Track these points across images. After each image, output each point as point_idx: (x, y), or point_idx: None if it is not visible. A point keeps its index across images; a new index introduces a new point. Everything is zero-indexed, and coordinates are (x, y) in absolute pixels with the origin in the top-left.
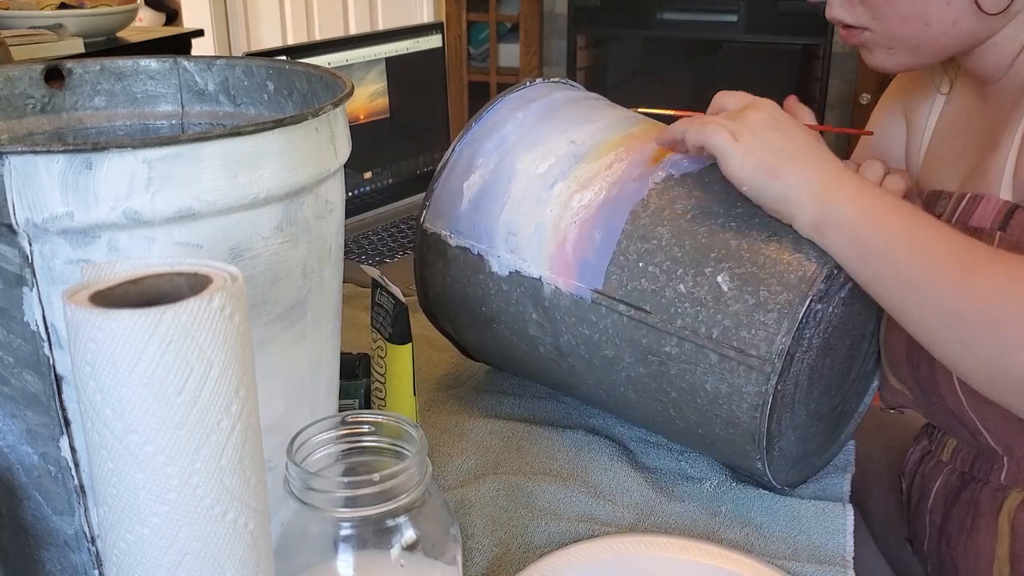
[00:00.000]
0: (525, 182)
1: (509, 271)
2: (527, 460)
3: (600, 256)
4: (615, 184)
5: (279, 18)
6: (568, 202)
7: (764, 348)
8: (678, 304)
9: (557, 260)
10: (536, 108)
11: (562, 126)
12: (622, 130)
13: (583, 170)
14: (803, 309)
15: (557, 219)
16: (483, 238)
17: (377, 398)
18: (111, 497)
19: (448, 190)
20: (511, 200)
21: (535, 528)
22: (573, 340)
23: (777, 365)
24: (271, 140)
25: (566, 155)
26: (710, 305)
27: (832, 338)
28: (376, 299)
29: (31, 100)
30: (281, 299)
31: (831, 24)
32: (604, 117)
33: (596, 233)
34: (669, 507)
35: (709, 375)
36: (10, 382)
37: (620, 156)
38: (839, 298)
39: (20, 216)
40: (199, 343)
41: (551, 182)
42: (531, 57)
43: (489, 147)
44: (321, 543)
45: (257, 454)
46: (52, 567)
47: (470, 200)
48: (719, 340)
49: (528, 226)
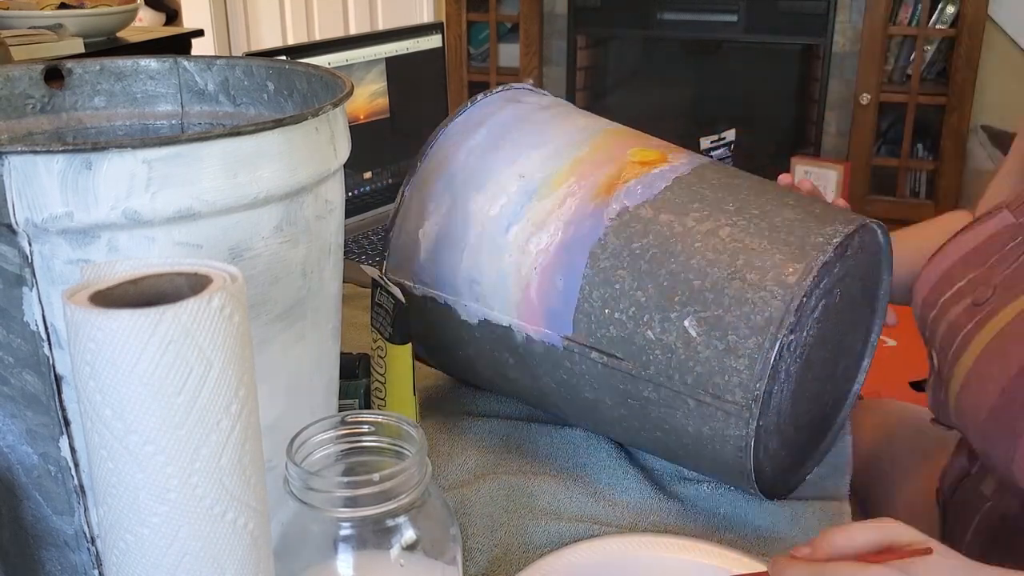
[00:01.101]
0: (480, 226)
1: (478, 319)
2: (527, 460)
3: (566, 303)
4: (570, 223)
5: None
6: (526, 247)
7: (740, 394)
8: (649, 351)
9: (524, 307)
10: (481, 137)
11: (510, 156)
12: (571, 154)
13: (536, 209)
14: (774, 352)
15: (518, 265)
16: (447, 288)
17: (377, 398)
18: (111, 497)
19: (404, 240)
20: (468, 247)
21: (535, 528)
22: (552, 383)
23: (755, 410)
24: (271, 140)
25: (517, 192)
26: (680, 352)
27: (812, 352)
28: (376, 299)
29: (31, 100)
30: (281, 299)
31: (831, 24)
32: (552, 138)
33: (558, 279)
34: (668, 507)
35: (690, 418)
36: (10, 382)
37: (572, 189)
38: (812, 320)
39: (20, 216)
40: (199, 343)
41: (506, 225)
42: (531, 57)
43: (439, 188)
44: (321, 543)
45: (257, 454)
46: (52, 567)
47: (427, 250)
48: (694, 386)
49: (491, 273)
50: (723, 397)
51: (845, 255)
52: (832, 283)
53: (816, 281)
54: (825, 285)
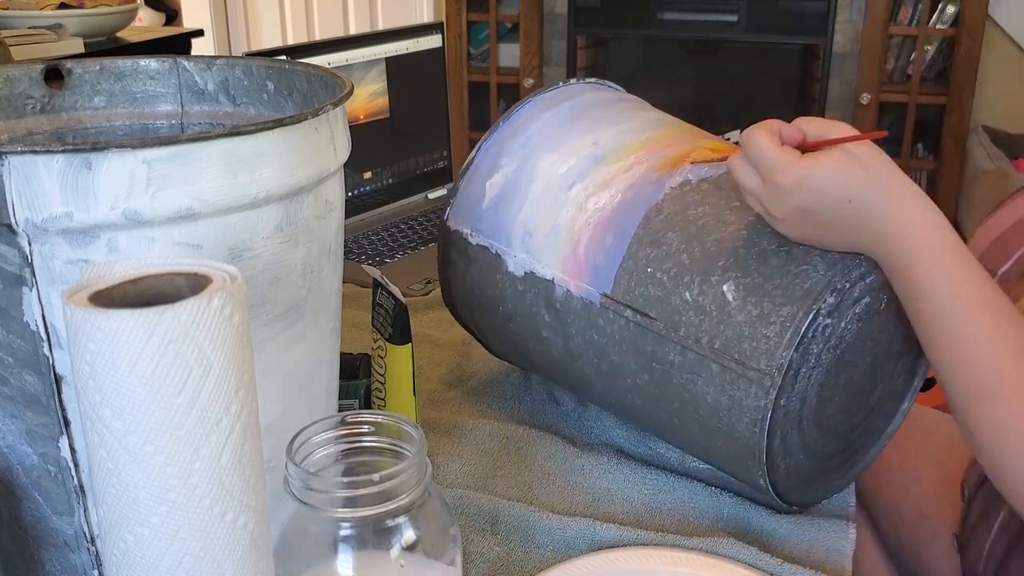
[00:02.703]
0: (545, 183)
1: (524, 271)
2: (527, 461)
3: (611, 260)
4: (631, 187)
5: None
6: (584, 204)
7: (764, 361)
8: (683, 312)
9: (570, 262)
10: (565, 108)
11: (588, 127)
12: (647, 133)
13: (602, 172)
14: (806, 323)
15: (572, 221)
16: (501, 238)
17: (377, 398)
18: (111, 497)
19: (472, 189)
20: (530, 201)
21: (535, 528)
22: (582, 344)
23: (777, 380)
24: (271, 140)
25: (587, 156)
26: (714, 315)
27: (847, 354)
28: (376, 299)
29: (31, 100)
30: (281, 299)
31: (831, 24)
32: (632, 119)
33: (608, 236)
34: (669, 511)
35: (710, 386)
36: (10, 382)
37: (640, 158)
38: (853, 314)
39: (20, 216)
40: (198, 343)
41: (570, 183)
42: (531, 57)
43: (514, 147)
44: (321, 543)
45: (257, 454)
46: (52, 567)
47: (491, 199)
48: (721, 351)
49: (544, 227)
50: (747, 364)
51: None
52: (880, 283)
53: (863, 271)
54: (871, 281)
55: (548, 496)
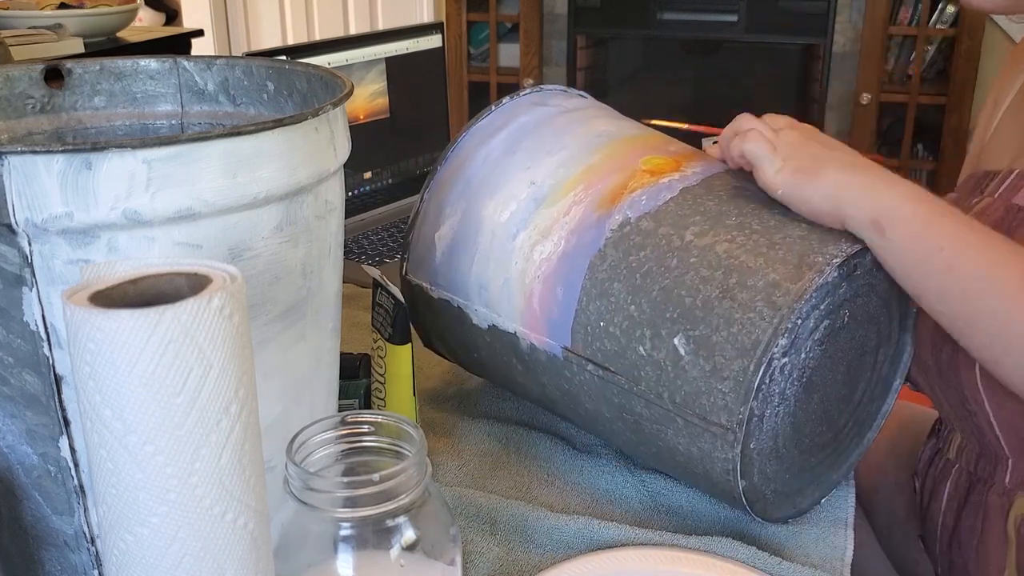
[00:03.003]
0: (491, 232)
1: (488, 324)
2: (526, 460)
3: (564, 314)
4: (573, 233)
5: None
6: (530, 255)
7: (724, 417)
8: (640, 367)
9: (527, 316)
10: (500, 141)
11: (524, 163)
12: (583, 162)
13: (543, 216)
14: (759, 376)
15: (522, 273)
16: (459, 291)
17: (377, 398)
18: (111, 497)
19: (423, 241)
20: (479, 252)
21: (534, 527)
22: (556, 392)
23: (739, 434)
24: (271, 140)
25: (527, 199)
26: (669, 370)
27: (816, 375)
28: (376, 299)
29: (31, 100)
30: (281, 299)
31: (831, 24)
32: (567, 145)
33: (558, 289)
34: (668, 510)
35: (680, 437)
36: (10, 382)
37: (579, 197)
38: (812, 342)
39: (20, 216)
40: (198, 343)
41: (514, 232)
42: (531, 57)
43: (455, 193)
44: (321, 543)
45: (257, 454)
46: (52, 567)
47: (443, 252)
48: (682, 406)
49: (497, 279)
50: (708, 419)
51: (854, 274)
52: (837, 303)
53: (813, 303)
54: (827, 306)
55: (547, 496)
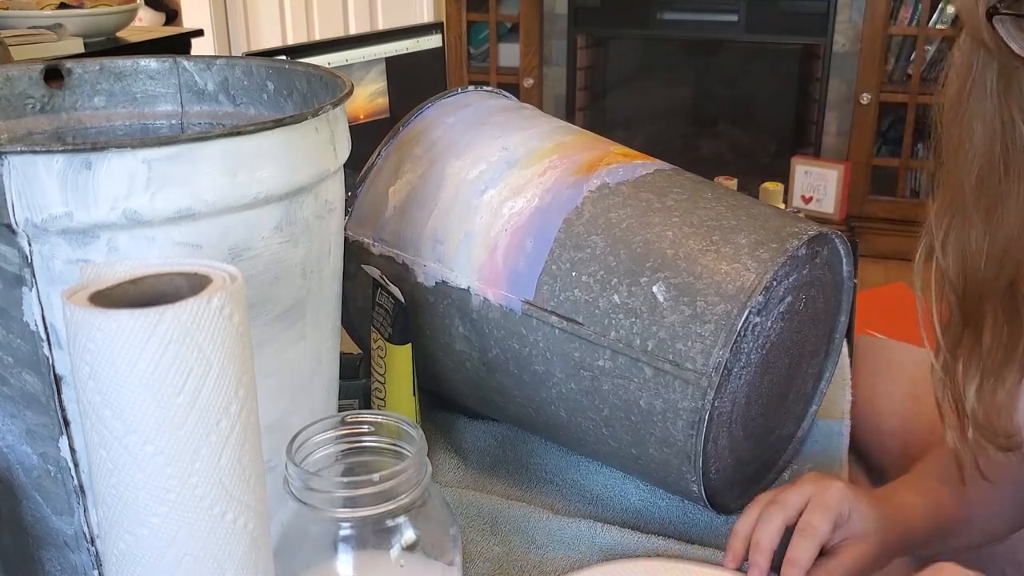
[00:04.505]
0: (455, 188)
1: (436, 281)
2: (525, 460)
3: (532, 265)
4: (548, 191)
5: (279, 18)
6: (499, 209)
7: (700, 361)
8: (612, 315)
9: (487, 269)
10: (468, 113)
11: (494, 133)
12: (555, 139)
13: (516, 176)
14: (741, 320)
15: (487, 227)
16: (408, 247)
17: (377, 398)
18: (110, 497)
19: (372, 196)
20: (439, 207)
21: (535, 528)
22: (502, 355)
23: (714, 379)
24: (271, 140)
25: (498, 161)
26: (645, 316)
27: (771, 355)
28: (376, 299)
29: (31, 100)
30: (281, 299)
31: (831, 24)
32: (537, 126)
33: (528, 241)
34: (666, 508)
35: (643, 390)
36: (10, 382)
37: (554, 163)
38: (778, 312)
39: (20, 216)
40: (198, 343)
41: (482, 188)
42: (531, 57)
43: (417, 152)
44: (321, 543)
45: (257, 454)
46: (52, 567)
47: (395, 207)
48: (654, 353)
49: (457, 234)
50: (682, 365)
51: (814, 260)
52: (800, 282)
53: (787, 269)
54: (794, 280)
55: (546, 496)
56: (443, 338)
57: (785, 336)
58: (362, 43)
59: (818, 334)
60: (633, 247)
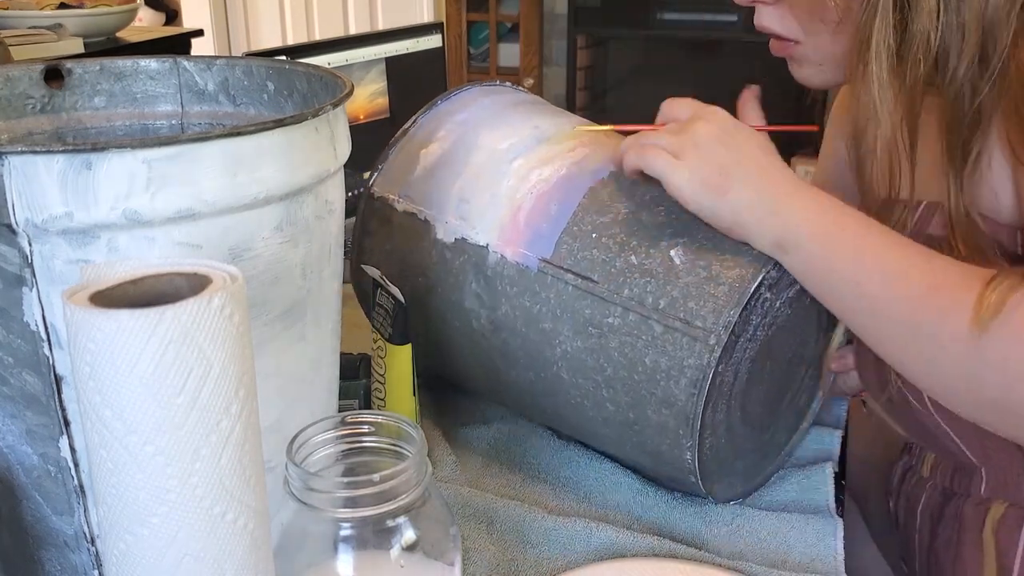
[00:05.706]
0: (486, 155)
1: (455, 238)
2: (525, 460)
3: (554, 226)
4: (576, 164)
5: (279, 18)
6: (527, 175)
7: (711, 319)
8: (628, 274)
9: (508, 229)
10: (504, 98)
11: (527, 114)
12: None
13: (545, 150)
14: (754, 285)
15: (513, 190)
16: (432, 205)
17: (377, 398)
18: (110, 497)
19: (403, 157)
20: (468, 170)
21: (530, 527)
22: (511, 312)
23: (723, 337)
24: (271, 140)
25: (529, 136)
26: (660, 276)
27: (774, 340)
28: (376, 299)
29: (31, 100)
30: (281, 299)
31: None
32: (570, 117)
33: (552, 206)
34: (663, 509)
35: (650, 347)
36: (10, 382)
37: (584, 143)
38: (787, 296)
39: (20, 216)
40: (199, 343)
41: (512, 157)
42: (531, 57)
43: (453, 123)
44: (321, 543)
45: (257, 454)
46: (52, 567)
47: (425, 168)
48: (665, 311)
49: (483, 195)
50: (692, 323)
51: None
52: None
53: None
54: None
55: (545, 495)
56: (453, 295)
57: (789, 326)
58: (362, 43)
59: (818, 345)
60: (656, 214)
